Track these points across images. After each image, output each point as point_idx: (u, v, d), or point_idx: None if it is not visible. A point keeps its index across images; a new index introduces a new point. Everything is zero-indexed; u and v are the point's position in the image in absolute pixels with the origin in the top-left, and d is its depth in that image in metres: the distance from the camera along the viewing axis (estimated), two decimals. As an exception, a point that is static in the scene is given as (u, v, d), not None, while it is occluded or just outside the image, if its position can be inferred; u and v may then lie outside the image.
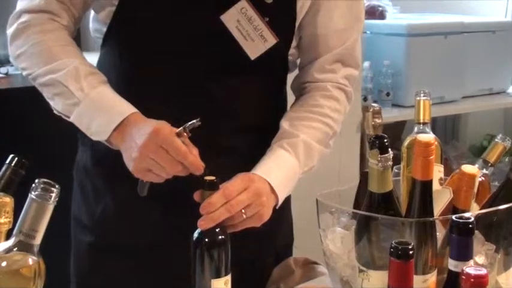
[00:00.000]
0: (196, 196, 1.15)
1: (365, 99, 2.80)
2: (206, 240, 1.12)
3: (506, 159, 2.97)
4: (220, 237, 1.13)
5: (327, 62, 1.37)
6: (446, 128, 3.64)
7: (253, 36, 1.26)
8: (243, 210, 1.17)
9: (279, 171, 1.26)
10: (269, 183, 1.24)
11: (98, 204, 1.37)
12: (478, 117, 3.71)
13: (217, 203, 1.13)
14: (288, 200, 1.42)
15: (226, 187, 1.16)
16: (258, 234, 1.24)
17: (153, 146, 1.15)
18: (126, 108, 1.22)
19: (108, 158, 1.30)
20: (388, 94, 2.90)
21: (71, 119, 1.25)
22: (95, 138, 1.25)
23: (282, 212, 1.36)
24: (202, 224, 1.11)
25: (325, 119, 1.35)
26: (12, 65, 2.75)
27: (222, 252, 1.12)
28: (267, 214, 1.23)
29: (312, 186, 1.36)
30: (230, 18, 1.25)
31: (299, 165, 1.30)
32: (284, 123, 1.33)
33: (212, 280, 1.11)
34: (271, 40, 1.28)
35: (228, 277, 1.13)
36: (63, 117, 1.27)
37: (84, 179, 1.41)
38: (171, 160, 1.15)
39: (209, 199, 1.13)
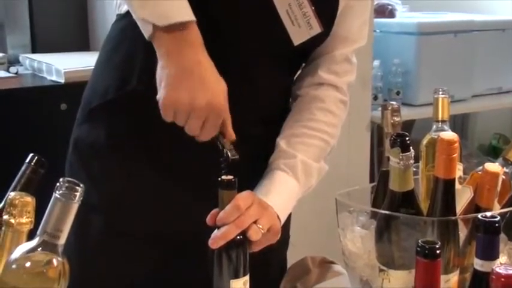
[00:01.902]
0: (210, 221, 1.12)
1: (375, 98, 2.79)
2: None
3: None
4: (238, 237, 1.11)
5: (336, 60, 1.36)
6: (455, 127, 3.63)
7: (300, 22, 1.24)
8: (260, 226, 1.14)
9: (278, 193, 1.24)
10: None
11: (112, 184, 1.30)
12: (486, 117, 3.70)
13: (232, 216, 1.11)
14: None
15: (236, 199, 1.12)
16: None
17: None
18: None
19: (126, 132, 1.27)
20: (398, 93, 2.89)
21: None
22: (155, 17, 1.12)
23: None
24: (213, 244, 1.09)
25: (322, 135, 1.33)
26: (21, 65, 2.77)
27: (240, 252, 1.11)
28: (279, 228, 1.21)
29: (320, 186, 1.35)
30: (282, 0, 1.23)
31: (299, 186, 1.28)
32: (281, 142, 1.30)
33: (231, 281, 1.10)
34: (316, 29, 1.26)
35: (247, 277, 1.12)
36: None
37: (91, 158, 1.32)
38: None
39: (223, 213, 1.11)
